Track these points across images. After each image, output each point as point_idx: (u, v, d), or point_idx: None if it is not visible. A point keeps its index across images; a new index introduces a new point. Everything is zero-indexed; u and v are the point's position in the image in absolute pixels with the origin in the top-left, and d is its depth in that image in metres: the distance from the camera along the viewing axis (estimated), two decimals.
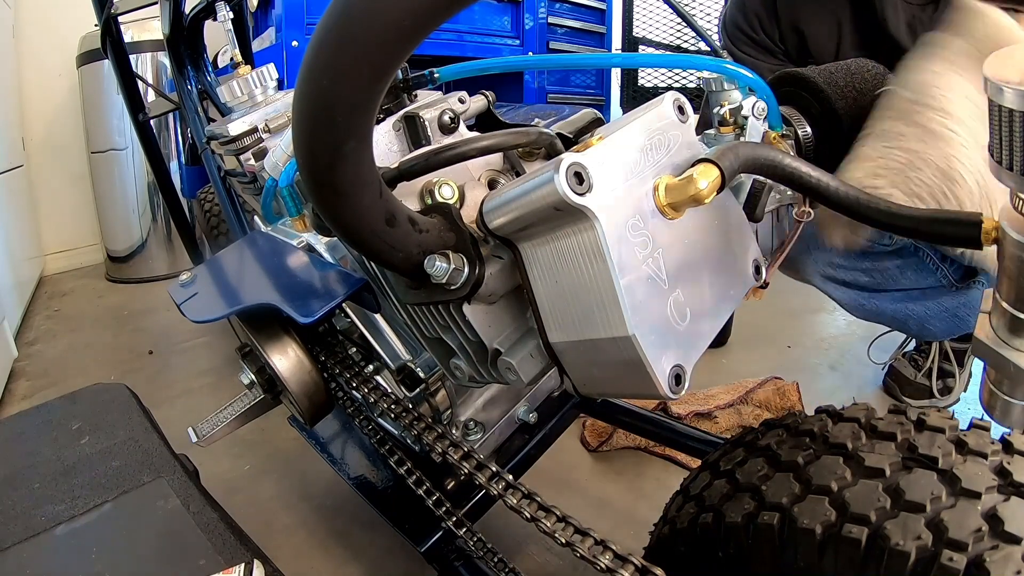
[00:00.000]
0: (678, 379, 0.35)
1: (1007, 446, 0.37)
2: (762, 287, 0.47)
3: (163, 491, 0.49)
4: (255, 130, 0.72)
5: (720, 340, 1.43)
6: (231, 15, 0.91)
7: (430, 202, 0.48)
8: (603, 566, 0.38)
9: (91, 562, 0.43)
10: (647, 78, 2.61)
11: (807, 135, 0.53)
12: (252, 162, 0.73)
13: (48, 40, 2.34)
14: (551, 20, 2.33)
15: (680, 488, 0.50)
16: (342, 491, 0.99)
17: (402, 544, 0.72)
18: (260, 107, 0.75)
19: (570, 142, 0.60)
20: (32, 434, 0.57)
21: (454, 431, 0.68)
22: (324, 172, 0.32)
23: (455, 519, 0.61)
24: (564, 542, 0.40)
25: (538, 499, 0.44)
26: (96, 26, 1.18)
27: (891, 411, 0.42)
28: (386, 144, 0.54)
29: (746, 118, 0.48)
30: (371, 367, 0.64)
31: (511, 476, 0.47)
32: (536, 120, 0.68)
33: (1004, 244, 0.29)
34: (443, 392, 0.65)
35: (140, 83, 1.31)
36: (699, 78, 0.51)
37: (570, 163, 0.31)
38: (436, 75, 0.58)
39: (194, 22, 1.06)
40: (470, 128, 0.58)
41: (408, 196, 0.48)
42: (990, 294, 0.32)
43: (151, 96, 1.68)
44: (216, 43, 1.43)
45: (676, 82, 2.44)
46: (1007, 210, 0.29)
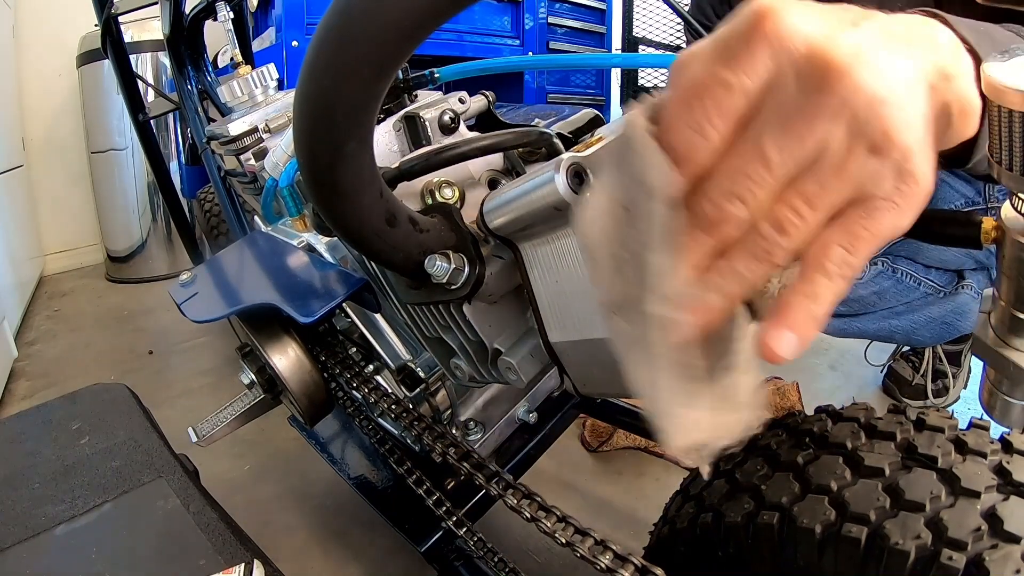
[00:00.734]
0: None
1: (1006, 445, 0.37)
2: None
3: (163, 491, 0.49)
4: (255, 130, 0.72)
5: None
6: (231, 15, 0.91)
7: (430, 202, 0.48)
8: (603, 566, 0.38)
9: (91, 562, 0.43)
10: (647, 78, 2.62)
11: None
12: (252, 162, 0.73)
13: (48, 40, 2.34)
14: (551, 20, 2.33)
15: (680, 488, 0.50)
16: (342, 491, 0.99)
17: (402, 544, 0.72)
18: (260, 107, 0.75)
19: (570, 142, 0.60)
20: (32, 434, 0.57)
21: (454, 431, 0.68)
22: (324, 172, 0.32)
23: (455, 519, 0.61)
24: (564, 542, 0.40)
25: (538, 499, 0.44)
26: (96, 26, 1.18)
27: (890, 411, 0.42)
28: (386, 144, 0.54)
29: None
30: (371, 367, 0.64)
31: (511, 476, 0.47)
32: (536, 120, 0.68)
33: (1004, 244, 0.29)
34: (443, 392, 0.65)
35: (140, 83, 1.31)
36: None
37: (570, 163, 0.31)
38: (436, 75, 0.58)
39: (194, 22, 1.06)
40: (470, 128, 0.58)
41: (408, 196, 0.48)
42: (990, 294, 0.32)
43: (151, 96, 1.68)
44: (216, 43, 1.43)
45: None
46: (1007, 210, 0.29)
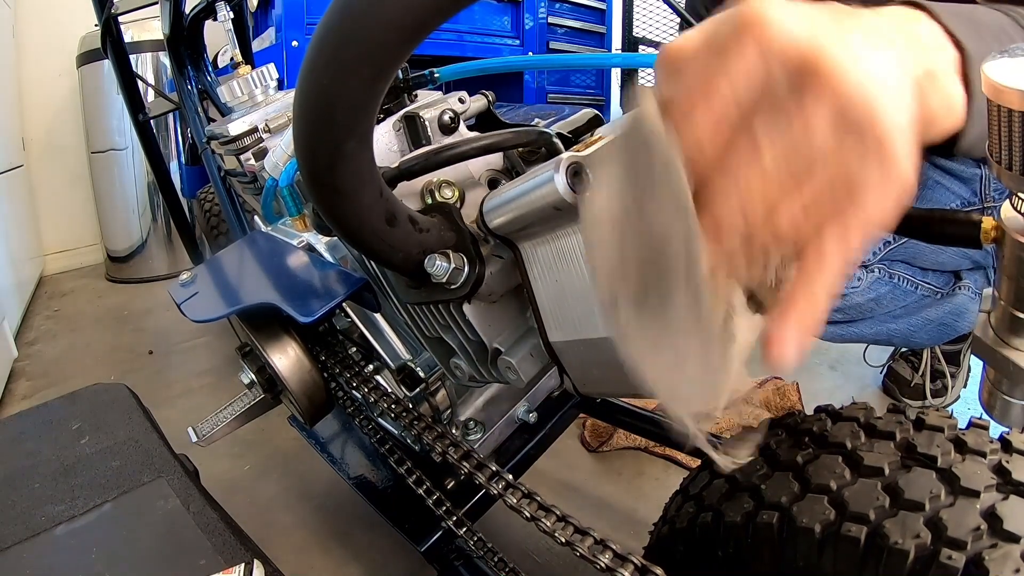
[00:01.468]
0: None
1: (1006, 445, 0.37)
2: None
3: (163, 491, 0.49)
4: (255, 130, 0.72)
5: None
6: (231, 15, 0.91)
7: (430, 202, 0.48)
8: (603, 565, 0.38)
9: (91, 562, 0.43)
10: (647, 78, 2.61)
11: None
12: (252, 162, 0.73)
13: (48, 40, 2.34)
14: (551, 20, 2.33)
15: (680, 488, 0.50)
16: (342, 491, 0.99)
17: (402, 544, 0.72)
18: (260, 107, 0.75)
19: (570, 142, 0.60)
20: (32, 434, 0.57)
21: (454, 431, 0.68)
22: (324, 172, 0.32)
23: (455, 519, 0.61)
24: (564, 541, 0.40)
25: (538, 499, 0.44)
26: (96, 26, 1.18)
27: (890, 410, 0.42)
28: (386, 144, 0.54)
29: None
30: (371, 367, 0.64)
31: (511, 476, 0.47)
32: (536, 120, 0.68)
33: (1004, 244, 0.29)
34: (443, 392, 0.65)
35: (140, 83, 1.31)
36: None
37: (570, 162, 0.31)
38: (436, 75, 0.58)
39: (194, 22, 1.06)
40: (470, 128, 0.58)
41: (408, 196, 0.48)
42: (990, 294, 0.32)
43: (151, 96, 1.68)
44: (216, 43, 1.43)
45: None
46: (1007, 210, 0.29)
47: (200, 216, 1.49)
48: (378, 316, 0.65)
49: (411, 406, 0.58)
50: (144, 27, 2.05)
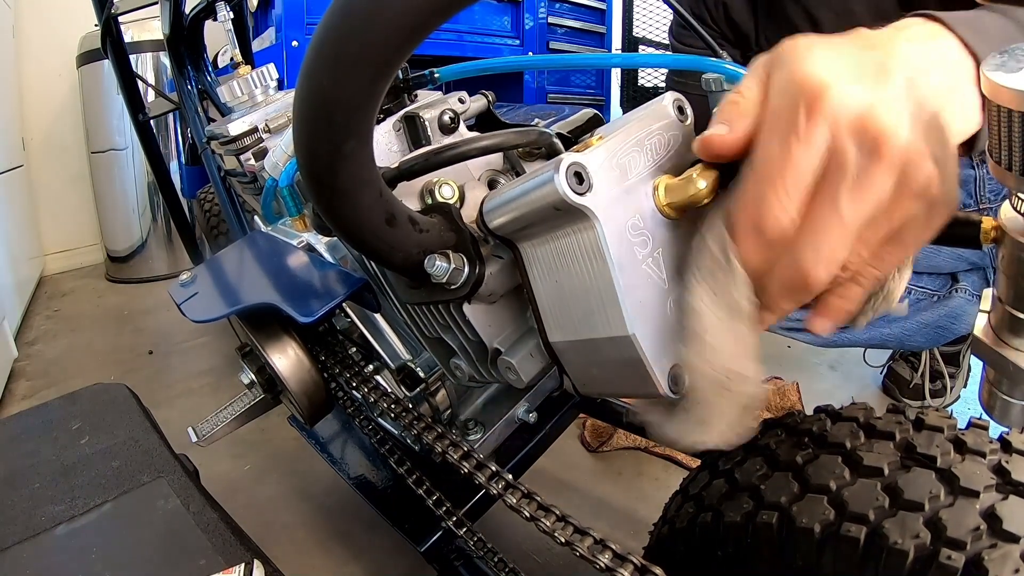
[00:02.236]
0: (677, 379, 0.35)
1: (1005, 445, 0.37)
2: None
3: (163, 491, 0.49)
4: (255, 130, 0.72)
5: None
6: (231, 15, 0.91)
7: (430, 202, 0.48)
8: (602, 565, 0.38)
9: (91, 562, 0.43)
10: (647, 78, 2.61)
11: None
12: (252, 162, 0.73)
13: (48, 40, 2.34)
14: (551, 20, 2.33)
15: (679, 488, 0.50)
16: (342, 491, 0.99)
17: (402, 544, 0.72)
18: (260, 107, 0.75)
19: (570, 142, 0.60)
20: (32, 434, 0.57)
21: (454, 431, 0.68)
22: (324, 172, 0.32)
23: (455, 519, 0.61)
24: (563, 541, 0.40)
25: (537, 498, 0.44)
26: (96, 26, 1.18)
27: (889, 410, 0.42)
28: (386, 144, 0.54)
29: None
30: (371, 367, 0.64)
31: (511, 476, 0.47)
32: (536, 120, 0.68)
33: (1004, 244, 0.29)
34: (443, 392, 0.65)
35: (140, 83, 1.31)
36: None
37: (570, 163, 0.31)
38: (436, 75, 0.58)
39: (194, 22, 1.06)
40: (470, 128, 0.58)
41: (408, 196, 0.48)
42: (989, 294, 0.32)
43: (151, 96, 1.68)
44: (216, 43, 1.43)
45: None
46: (1007, 210, 0.29)
47: (200, 216, 1.49)
48: (378, 316, 0.65)
49: (411, 406, 0.58)
50: (144, 27, 2.05)
